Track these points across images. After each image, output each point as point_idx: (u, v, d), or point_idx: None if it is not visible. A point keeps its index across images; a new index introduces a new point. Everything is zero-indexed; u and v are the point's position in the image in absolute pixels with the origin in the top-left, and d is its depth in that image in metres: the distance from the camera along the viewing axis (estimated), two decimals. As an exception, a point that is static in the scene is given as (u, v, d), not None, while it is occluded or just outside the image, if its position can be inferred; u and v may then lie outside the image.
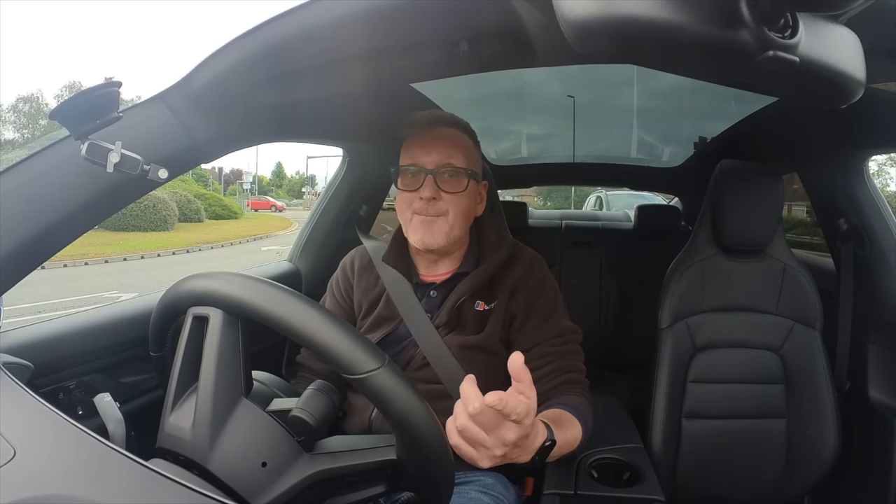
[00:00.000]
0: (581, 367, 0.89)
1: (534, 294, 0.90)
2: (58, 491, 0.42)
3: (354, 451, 0.57)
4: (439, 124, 0.91)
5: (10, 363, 0.66)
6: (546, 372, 0.86)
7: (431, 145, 0.87)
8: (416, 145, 0.88)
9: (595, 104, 1.68)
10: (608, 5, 0.32)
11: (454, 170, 0.87)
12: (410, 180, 0.88)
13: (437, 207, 0.87)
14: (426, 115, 0.92)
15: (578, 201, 17.39)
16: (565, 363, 0.87)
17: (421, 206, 0.87)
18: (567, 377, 0.86)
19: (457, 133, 0.91)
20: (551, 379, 0.85)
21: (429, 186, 0.86)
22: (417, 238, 0.87)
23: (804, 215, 6.67)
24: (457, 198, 0.87)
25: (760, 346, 1.23)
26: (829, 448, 1.17)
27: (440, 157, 0.87)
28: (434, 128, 0.90)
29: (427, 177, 0.86)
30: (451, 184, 0.87)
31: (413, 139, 0.90)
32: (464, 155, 0.89)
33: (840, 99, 0.40)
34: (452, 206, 0.87)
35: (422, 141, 0.88)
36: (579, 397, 0.84)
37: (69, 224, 0.64)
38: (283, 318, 0.51)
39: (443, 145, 0.88)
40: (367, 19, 0.59)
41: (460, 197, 0.87)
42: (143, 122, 0.68)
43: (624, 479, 0.83)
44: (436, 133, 0.89)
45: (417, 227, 0.87)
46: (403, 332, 0.91)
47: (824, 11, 0.37)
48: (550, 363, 0.86)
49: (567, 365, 0.87)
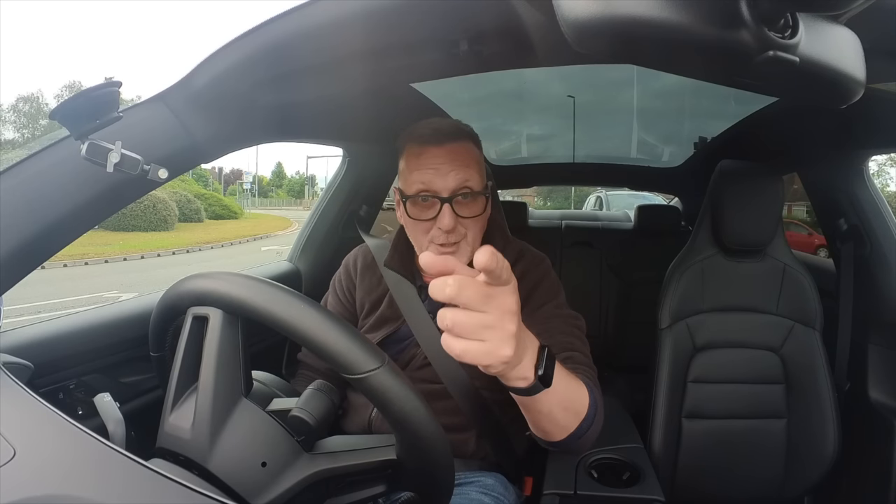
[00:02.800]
0: (585, 351, 0.80)
1: (533, 285, 0.88)
2: (58, 491, 0.42)
3: (354, 451, 0.57)
4: (447, 140, 0.81)
5: (10, 363, 0.66)
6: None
7: (444, 168, 0.79)
8: (427, 168, 0.80)
9: (595, 104, 1.68)
10: (608, 5, 0.32)
11: (471, 192, 0.80)
12: (423, 208, 0.81)
13: (458, 234, 0.81)
14: (433, 129, 0.82)
15: (578, 201, 17.40)
16: (566, 339, 0.79)
17: (439, 236, 0.80)
18: (568, 355, 0.77)
19: (467, 146, 0.83)
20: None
21: (447, 216, 0.78)
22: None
23: (804, 215, 6.68)
24: (475, 220, 0.82)
25: (760, 346, 1.23)
26: (829, 448, 1.17)
27: (456, 181, 0.79)
28: (444, 144, 0.80)
29: (444, 206, 0.79)
30: (470, 208, 0.81)
31: (422, 159, 0.81)
32: (478, 172, 0.82)
33: (840, 99, 0.40)
34: (472, 227, 0.82)
35: (433, 163, 0.80)
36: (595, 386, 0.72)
37: (69, 224, 0.64)
38: (283, 318, 0.51)
39: (458, 167, 0.79)
40: (367, 19, 0.59)
41: (479, 218, 0.83)
42: (143, 121, 0.68)
43: (624, 479, 0.83)
44: (447, 151, 0.80)
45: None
46: (405, 331, 0.91)
47: (824, 11, 0.37)
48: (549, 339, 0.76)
49: (566, 342, 0.79)
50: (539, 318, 0.82)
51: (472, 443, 0.87)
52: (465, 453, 0.87)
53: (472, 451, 0.87)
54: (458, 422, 0.86)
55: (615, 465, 0.86)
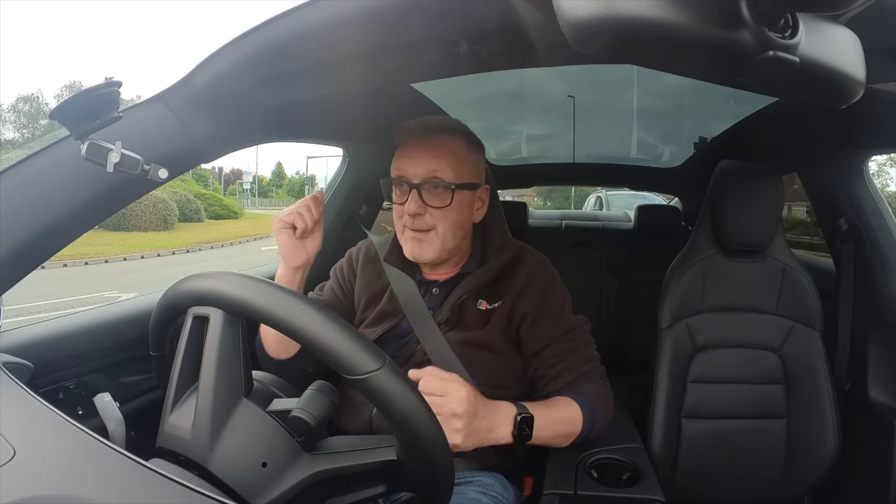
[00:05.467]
0: (594, 354, 0.91)
1: (544, 292, 0.91)
2: (58, 491, 0.42)
3: (354, 451, 0.57)
4: (429, 133, 0.87)
5: (10, 363, 0.66)
6: (563, 368, 0.87)
7: (418, 157, 0.85)
8: (405, 156, 0.86)
9: (595, 104, 1.68)
10: (608, 5, 0.32)
11: (441, 183, 0.84)
12: (399, 193, 0.87)
13: (424, 222, 0.85)
14: (416, 123, 0.88)
15: (578, 201, 17.40)
16: (582, 356, 0.88)
17: (409, 221, 0.85)
18: (584, 369, 0.87)
19: (448, 141, 0.87)
20: (569, 372, 0.86)
21: (413, 201, 0.84)
22: (409, 251, 0.88)
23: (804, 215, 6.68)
24: (444, 212, 0.85)
25: (760, 346, 1.23)
26: (829, 448, 1.17)
27: (426, 170, 0.84)
28: (424, 137, 0.86)
29: (412, 191, 0.84)
30: (438, 198, 0.85)
31: (403, 149, 0.87)
32: (452, 166, 0.85)
33: (840, 99, 0.40)
34: (441, 220, 0.85)
35: (410, 152, 0.86)
36: (591, 385, 0.86)
37: (69, 224, 0.64)
38: (284, 318, 0.51)
39: (430, 157, 0.84)
40: (367, 19, 0.59)
41: (447, 211, 0.85)
42: (143, 121, 0.68)
43: (624, 480, 0.83)
44: (425, 143, 0.86)
45: (408, 241, 0.87)
46: (405, 328, 0.91)
47: (824, 11, 0.37)
48: (566, 359, 0.87)
49: (584, 357, 0.89)
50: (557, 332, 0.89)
51: (472, 442, 0.87)
52: (464, 453, 0.87)
53: (472, 450, 0.87)
54: (458, 421, 0.86)
55: (615, 465, 0.85)
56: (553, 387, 0.87)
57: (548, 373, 0.88)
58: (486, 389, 0.87)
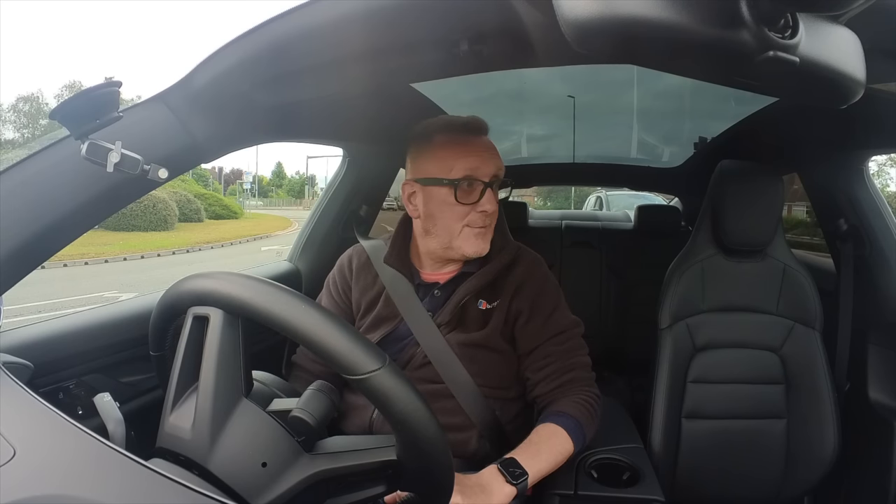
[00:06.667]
0: (585, 360, 0.90)
1: (537, 291, 0.91)
2: (58, 491, 0.42)
3: (354, 451, 0.57)
4: (484, 131, 0.90)
5: (10, 363, 0.66)
6: (550, 372, 0.87)
7: (485, 155, 0.87)
8: (470, 154, 0.86)
9: (595, 105, 1.68)
10: (608, 5, 0.32)
11: (500, 180, 0.89)
12: (466, 192, 0.86)
13: (493, 216, 0.89)
14: (472, 122, 0.89)
15: (578, 201, 17.40)
16: (568, 361, 0.88)
17: (479, 219, 0.87)
18: (570, 376, 0.87)
19: (489, 139, 0.91)
20: (555, 378, 0.86)
21: (491, 200, 0.86)
22: (473, 249, 0.87)
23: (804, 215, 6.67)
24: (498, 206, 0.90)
25: (760, 346, 1.23)
26: (829, 448, 1.17)
27: (495, 168, 0.87)
28: (482, 135, 0.90)
29: (487, 190, 0.86)
30: (498, 194, 0.89)
31: (468, 146, 0.87)
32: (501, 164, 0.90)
33: (840, 99, 0.40)
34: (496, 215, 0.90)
35: (474, 150, 0.87)
36: (578, 397, 0.84)
37: (69, 224, 0.64)
38: (284, 319, 0.51)
39: (494, 156, 0.88)
40: (367, 19, 0.59)
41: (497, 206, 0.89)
42: (143, 121, 0.68)
43: (624, 480, 0.83)
44: (484, 142, 0.89)
45: (472, 239, 0.87)
46: (403, 330, 0.91)
47: (824, 12, 0.37)
48: (553, 363, 0.87)
49: (570, 363, 0.88)
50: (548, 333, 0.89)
51: (473, 443, 0.87)
52: (465, 453, 0.87)
53: (473, 450, 0.87)
54: (459, 421, 0.86)
55: (615, 465, 0.85)
56: (538, 391, 0.88)
57: (534, 376, 0.88)
58: (486, 390, 0.87)
